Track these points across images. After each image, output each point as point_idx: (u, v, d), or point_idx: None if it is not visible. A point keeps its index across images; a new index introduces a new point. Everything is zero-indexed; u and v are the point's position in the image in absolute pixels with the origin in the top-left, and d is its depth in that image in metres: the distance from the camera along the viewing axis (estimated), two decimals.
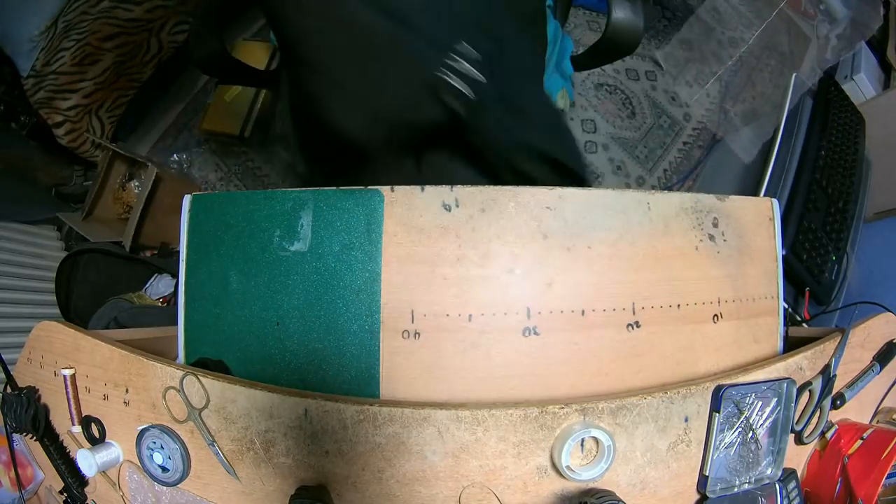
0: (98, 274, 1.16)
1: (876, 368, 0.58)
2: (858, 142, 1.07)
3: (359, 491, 0.47)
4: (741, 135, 1.43)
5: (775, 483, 0.52)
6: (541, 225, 0.53)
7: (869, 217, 1.12)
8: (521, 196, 0.53)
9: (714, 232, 0.56)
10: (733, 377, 0.51)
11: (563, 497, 0.47)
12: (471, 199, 0.53)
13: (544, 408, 0.46)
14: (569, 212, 0.53)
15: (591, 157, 1.51)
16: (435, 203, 0.53)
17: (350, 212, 0.54)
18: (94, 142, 1.32)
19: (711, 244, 0.56)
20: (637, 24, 0.72)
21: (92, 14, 1.18)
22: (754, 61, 1.72)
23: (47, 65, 1.16)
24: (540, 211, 0.53)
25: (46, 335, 0.58)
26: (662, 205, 0.55)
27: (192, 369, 0.51)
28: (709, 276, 0.56)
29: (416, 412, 0.46)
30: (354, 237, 0.53)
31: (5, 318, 1.11)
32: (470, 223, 0.53)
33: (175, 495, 0.53)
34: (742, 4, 1.80)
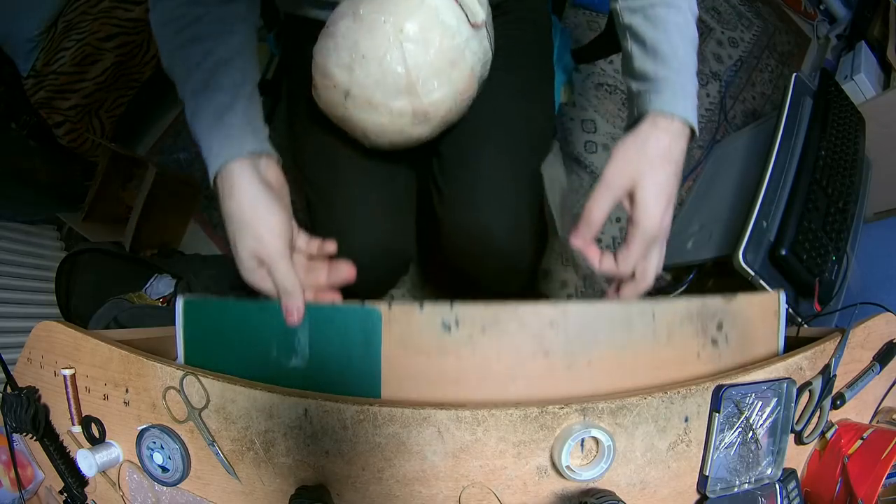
0: (98, 274, 1.16)
1: (876, 368, 0.58)
2: (858, 142, 1.07)
3: (359, 491, 0.47)
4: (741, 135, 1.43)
5: (775, 483, 0.52)
6: (542, 343, 0.53)
7: (869, 217, 1.12)
8: (523, 314, 0.53)
9: (717, 336, 0.56)
10: (733, 377, 0.51)
11: (563, 497, 0.47)
12: (471, 319, 0.53)
13: (544, 408, 0.46)
14: (571, 328, 0.53)
15: (591, 157, 1.51)
16: (434, 322, 0.53)
17: (347, 329, 0.54)
18: (94, 142, 1.32)
19: (713, 349, 0.55)
20: None
21: (92, 14, 1.18)
22: (754, 61, 1.72)
23: (47, 65, 1.16)
24: (542, 328, 0.53)
25: (46, 335, 0.58)
26: (668, 313, 0.55)
27: (192, 369, 0.51)
28: (703, 374, 0.55)
29: (417, 412, 0.46)
30: (353, 355, 0.53)
31: (5, 318, 1.11)
32: (470, 344, 0.53)
33: (175, 495, 0.53)
34: (742, 4, 1.80)
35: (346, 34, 0.57)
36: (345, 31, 0.58)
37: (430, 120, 0.62)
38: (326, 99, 0.63)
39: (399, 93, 0.58)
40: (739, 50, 1.73)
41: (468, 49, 0.59)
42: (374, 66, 0.56)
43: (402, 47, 0.56)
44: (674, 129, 0.54)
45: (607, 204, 0.54)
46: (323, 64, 0.60)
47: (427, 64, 0.57)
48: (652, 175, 0.53)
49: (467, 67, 0.60)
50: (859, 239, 1.04)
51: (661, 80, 0.55)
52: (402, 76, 0.57)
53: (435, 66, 0.57)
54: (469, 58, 0.60)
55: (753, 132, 1.35)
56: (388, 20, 0.56)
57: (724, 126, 1.59)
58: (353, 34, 0.57)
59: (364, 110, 0.60)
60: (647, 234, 0.54)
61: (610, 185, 0.54)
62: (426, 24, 0.56)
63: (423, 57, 0.57)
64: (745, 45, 1.74)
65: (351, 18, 0.57)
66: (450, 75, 0.59)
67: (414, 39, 0.56)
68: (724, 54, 1.71)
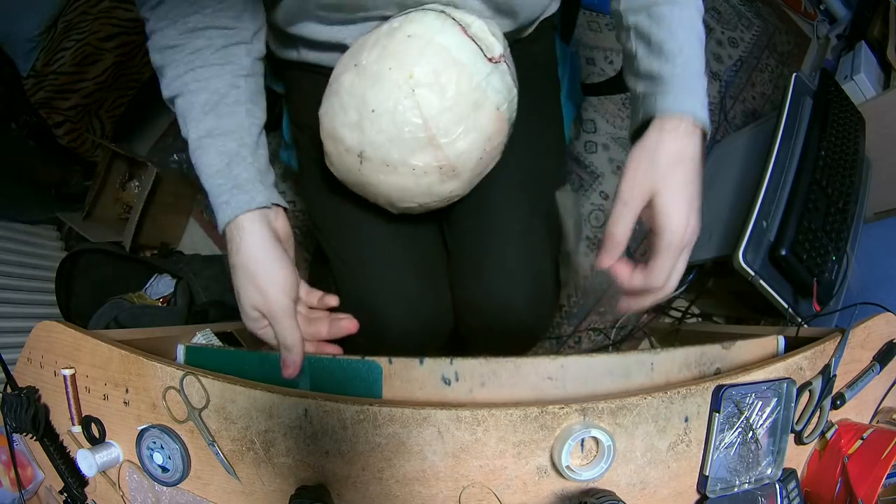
0: (98, 274, 1.16)
1: (876, 368, 0.58)
2: (858, 142, 1.07)
3: (359, 491, 0.47)
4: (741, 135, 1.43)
5: (775, 483, 0.52)
6: (540, 396, 0.53)
7: (869, 217, 1.12)
8: (522, 368, 0.53)
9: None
10: (733, 377, 0.51)
11: (563, 497, 0.47)
12: (471, 373, 0.53)
13: (544, 408, 0.46)
14: (569, 381, 0.54)
15: (591, 158, 1.51)
16: (434, 376, 0.53)
17: (347, 382, 0.54)
18: (94, 142, 1.32)
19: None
20: None
21: (92, 14, 1.17)
22: (754, 61, 1.72)
23: (47, 65, 1.16)
24: (540, 381, 0.53)
25: (46, 335, 0.58)
26: (666, 363, 0.55)
27: (192, 369, 0.51)
28: None
29: (416, 412, 0.46)
30: None
31: (5, 318, 1.11)
32: (469, 398, 0.53)
33: (175, 495, 0.53)
34: (742, 4, 1.80)
35: (351, 89, 0.51)
36: (349, 86, 0.52)
37: (460, 174, 0.54)
38: (340, 165, 0.57)
39: (419, 147, 0.51)
40: (739, 50, 1.72)
41: (490, 88, 0.52)
42: (385, 120, 0.50)
43: (415, 95, 0.49)
44: (683, 129, 0.51)
45: (629, 221, 0.52)
46: (331, 127, 0.54)
47: (446, 109, 0.50)
48: (668, 180, 0.51)
49: (492, 107, 0.53)
50: (859, 239, 1.04)
51: (668, 79, 0.52)
52: (419, 127, 0.50)
53: (455, 111, 0.50)
54: (493, 97, 0.53)
55: (753, 132, 1.35)
56: (394, 67, 0.49)
57: (724, 126, 1.59)
58: (359, 88, 0.51)
59: (382, 172, 0.53)
60: (675, 241, 0.51)
61: (627, 201, 0.51)
62: (438, 65, 0.50)
63: (439, 102, 0.50)
64: (745, 45, 1.74)
65: (354, 71, 0.51)
66: (474, 120, 0.52)
67: (427, 84, 0.49)
68: (724, 54, 1.71)
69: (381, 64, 0.50)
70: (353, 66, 0.52)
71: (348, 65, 0.53)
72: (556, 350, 1.34)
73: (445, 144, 0.51)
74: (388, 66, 0.49)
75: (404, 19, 0.52)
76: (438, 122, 0.50)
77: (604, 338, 1.36)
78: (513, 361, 0.53)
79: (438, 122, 0.50)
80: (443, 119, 0.50)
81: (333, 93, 0.54)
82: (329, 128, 0.55)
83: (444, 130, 0.51)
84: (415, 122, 0.50)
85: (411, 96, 0.49)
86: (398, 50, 0.50)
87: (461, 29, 0.51)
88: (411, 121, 0.50)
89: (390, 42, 0.50)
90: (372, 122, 0.50)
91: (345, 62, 0.54)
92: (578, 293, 1.39)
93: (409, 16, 0.52)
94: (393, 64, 0.49)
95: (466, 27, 0.51)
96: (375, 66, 0.50)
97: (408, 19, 0.52)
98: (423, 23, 0.51)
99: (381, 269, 0.68)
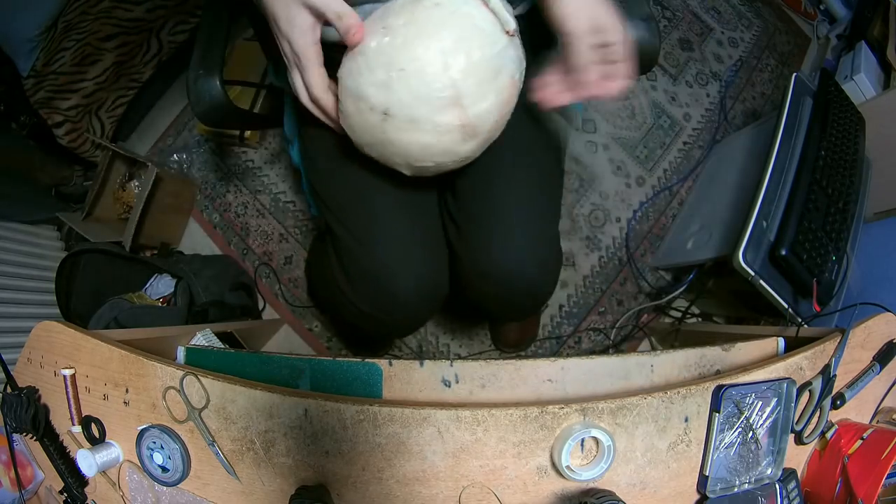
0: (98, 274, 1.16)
1: (876, 368, 0.58)
2: (858, 142, 1.07)
3: (359, 491, 0.47)
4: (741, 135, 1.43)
5: (775, 483, 0.52)
6: (540, 398, 0.53)
7: (869, 217, 1.12)
8: (522, 370, 0.54)
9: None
10: (733, 377, 0.51)
11: (563, 497, 0.47)
12: (471, 375, 0.54)
13: (544, 408, 0.46)
14: (569, 383, 0.54)
15: (591, 158, 1.51)
16: (434, 378, 0.54)
17: (348, 384, 0.55)
18: (94, 142, 1.32)
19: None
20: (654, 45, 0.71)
21: (92, 14, 1.17)
22: (754, 61, 1.72)
23: (47, 65, 1.16)
24: (540, 384, 0.54)
25: (46, 335, 0.58)
26: (666, 365, 0.56)
27: (192, 369, 0.51)
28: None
29: (417, 412, 0.46)
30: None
31: (5, 318, 1.11)
32: (469, 400, 0.53)
33: (175, 495, 0.53)
34: (742, 4, 1.80)
35: (379, 49, 0.53)
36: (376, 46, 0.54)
37: (479, 134, 0.57)
38: (360, 125, 0.58)
39: (445, 106, 0.54)
40: (739, 50, 1.72)
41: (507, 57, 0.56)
42: (415, 79, 0.52)
43: (444, 56, 0.52)
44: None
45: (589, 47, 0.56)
46: (354, 86, 0.55)
47: (471, 73, 0.53)
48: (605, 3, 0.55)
49: (509, 75, 0.56)
50: (859, 239, 1.04)
51: None
52: (447, 87, 0.53)
53: (479, 75, 0.54)
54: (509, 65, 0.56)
55: (753, 132, 1.35)
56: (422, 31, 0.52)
57: (724, 126, 1.59)
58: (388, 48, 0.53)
59: (406, 130, 0.55)
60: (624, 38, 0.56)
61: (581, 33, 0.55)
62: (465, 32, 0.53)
63: (466, 65, 0.53)
64: (745, 45, 1.74)
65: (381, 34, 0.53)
66: (495, 84, 0.55)
67: (454, 49, 0.52)
68: (724, 54, 1.71)
69: (409, 28, 0.53)
70: (381, 28, 0.54)
71: (374, 28, 0.54)
72: (556, 350, 1.34)
73: (469, 105, 0.54)
74: (415, 30, 0.52)
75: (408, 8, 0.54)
76: (465, 84, 0.53)
77: (604, 338, 1.36)
78: (513, 364, 0.53)
79: (465, 83, 0.53)
80: (469, 81, 0.53)
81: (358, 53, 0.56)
82: (352, 87, 0.56)
83: (468, 92, 0.54)
84: (443, 83, 0.53)
85: (441, 58, 0.52)
86: (426, 16, 0.53)
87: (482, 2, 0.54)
88: (440, 79, 0.53)
89: (416, 9, 0.53)
90: (400, 81, 0.53)
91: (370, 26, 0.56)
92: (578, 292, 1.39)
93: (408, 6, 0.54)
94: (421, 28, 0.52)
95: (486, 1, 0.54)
96: (403, 30, 0.53)
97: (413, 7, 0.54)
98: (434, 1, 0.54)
99: (390, 242, 0.72)
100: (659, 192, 1.50)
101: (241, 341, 0.93)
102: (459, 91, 0.53)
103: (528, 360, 0.54)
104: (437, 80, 0.53)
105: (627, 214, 1.47)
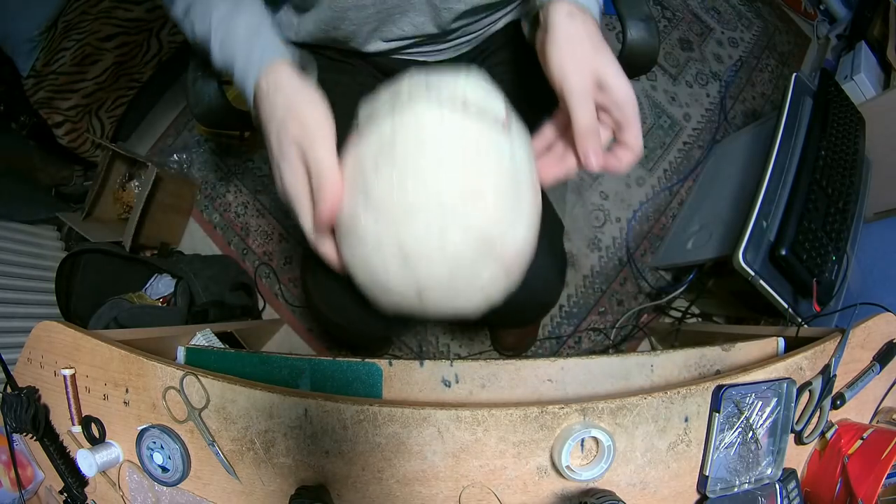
0: (98, 274, 1.16)
1: (876, 368, 0.58)
2: (858, 142, 1.07)
3: (359, 491, 0.47)
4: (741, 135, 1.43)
5: (775, 483, 0.52)
6: (541, 398, 0.54)
7: (869, 217, 1.12)
8: (522, 370, 0.54)
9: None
10: (733, 377, 0.51)
11: (563, 497, 0.47)
12: (471, 376, 0.54)
13: (544, 408, 0.46)
14: (569, 383, 0.54)
15: None
16: (434, 378, 0.54)
17: (348, 384, 0.55)
18: (94, 142, 1.32)
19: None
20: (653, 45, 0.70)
21: (92, 14, 1.17)
22: (754, 61, 1.72)
23: (47, 65, 1.16)
24: (539, 384, 0.54)
25: (46, 335, 0.58)
26: (666, 366, 0.56)
27: (192, 369, 0.51)
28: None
29: (416, 412, 0.46)
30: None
31: (5, 318, 1.11)
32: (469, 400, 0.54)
33: (175, 495, 0.53)
34: (742, 4, 1.80)
35: (379, 237, 0.43)
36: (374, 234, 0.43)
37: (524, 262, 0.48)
38: (395, 307, 0.48)
39: (480, 262, 0.44)
40: (739, 50, 1.72)
41: (515, 155, 0.45)
42: (436, 255, 0.42)
43: (456, 215, 0.41)
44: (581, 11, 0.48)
45: (592, 107, 0.46)
46: (371, 281, 0.46)
47: (493, 207, 0.43)
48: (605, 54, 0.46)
49: (527, 175, 0.46)
50: (859, 239, 1.04)
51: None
52: (474, 246, 0.42)
53: (501, 203, 0.43)
54: (523, 165, 0.46)
55: (753, 132, 1.35)
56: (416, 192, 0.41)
57: (724, 126, 1.59)
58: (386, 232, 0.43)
59: (451, 301, 0.46)
60: (633, 102, 0.47)
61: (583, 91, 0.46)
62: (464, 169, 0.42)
63: (485, 206, 0.42)
64: (745, 45, 1.74)
65: (369, 213, 0.43)
66: (519, 198, 0.45)
67: (462, 197, 0.42)
68: (724, 54, 1.71)
69: (398, 195, 0.42)
70: (363, 203, 0.43)
71: (357, 201, 0.44)
72: (556, 350, 1.34)
73: (504, 243, 0.44)
74: (408, 196, 0.42)
75: (393, 122, 0.43)
76: (490, 225, 0.43)
77: (604, 338, 1.36)
78: (513, 364, 0.53)
79: (490, 225, 0.43)
80: (492, 218, 0.43)
81: (357, 241, 0.45)
82: (370, 281, 0.47)
83: (498, 231, 0.44)
84: (469, 244, 0.43)
85: (454, 218, 0.42)
86: (410, 169, 0.42)
87: (460, 108, 0.44)
88: (465, 243, 0.43)
89: (395, 161, 0.42)
90: (421, 263, 0.43)
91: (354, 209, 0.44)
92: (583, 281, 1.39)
93: (397, 117, 0.44)
94: (413, 190, 0.42)
95: (464, 104, 0.44)
96: (393, 199, 0.42)
97: (399, 123, 0.43)
98: (418, 124, 0.43)
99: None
100: (659, 192, 1.50)
101: (241, 341, 0.93)
102: (489, 236, 0.43)
103: (527, 360, 0.54)
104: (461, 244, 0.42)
105: (627, 214, 1.47)
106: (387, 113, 0.44)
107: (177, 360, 0.61)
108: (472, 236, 0.42)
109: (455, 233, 0.42)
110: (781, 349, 0.61)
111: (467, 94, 0.45)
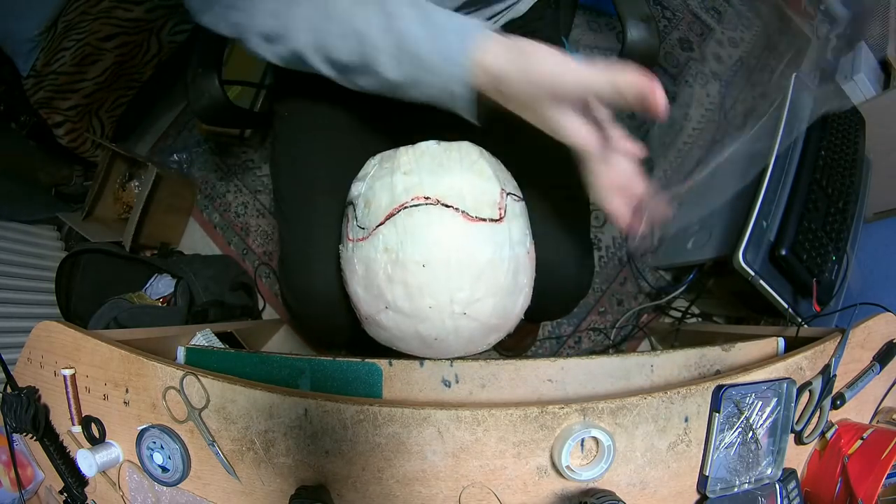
0: (98, 274, 1.16)
1: (876, 368, 0.58)
2: (858, 142, 1.07)
3: (359, 491, 0.47)
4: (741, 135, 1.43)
5: (775, 483, 0.52)
6: (541, 398, 0.54)
7: (869, 217, 1.12)
8: (522, 370, 0.54)
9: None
10: (733, 377, 0.51)
11: (563, 497, 0.47)
12: (471, 376, 0.54)
13: (544, 408, 0.46)
14: (569, 383, 0.55)
15: None
16: (434, 378, 0.54)
17: (348, 384, 0.55)
18: (94, 142, 1.32)
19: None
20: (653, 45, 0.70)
21: (92, 14, 1.17)
22: (754, 61, 1.72)
23: (47, 65, 1.16)
24: (540, 384, 0.54)
25: (46, 335, 0.58)
26: (666, 366, 0.56)
27: (192, 369, 0.51)
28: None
29: (416, 412, 0.46)
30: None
31: (5, 318, 1.11)
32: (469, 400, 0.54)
33: (175, 495, 0.53)
34: (742, 4, 1.80)
35: (401, 329, 0.51)
36: (396, 327, 0.51)
37: (520, 318, 0.56)
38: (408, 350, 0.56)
39: (489, 335, 0.53)
40: (739, 50, 1.72)
41: (512, 238, 0.51)
42: (451, 339, 0.51)
43: (466, 315, 0.49)
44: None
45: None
46: (401, 348, 0.55)
47: (495, 302, 0.50)
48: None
49: (525, 258, 0.53)
50: (859, 239, 1.03)
51: None
52: (481, 330, 0.51)
53: (501, 295, 0.50)
54: (521, 252, 0.52)
55: (753, 132, 1.35)
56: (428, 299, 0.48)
57: (724, 126, 1.59)
58: (406, 327, 0.51)
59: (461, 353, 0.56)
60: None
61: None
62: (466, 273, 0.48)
63: (488, 302, 0.50)
64: (745, 45, 1.74)
65: (387, 314, 0.51)
66: (517, 280, 0.52)
67: (469, 298, 0.48)
68: (724, 54, 1.71)
69: (414, 302, 0.49)
70: (384, 308, 0.51)
71: (376, 306, 0.51)
72: (556, 350, 1.34)
73: (507, 320, 0.53)
74: (423, 302, 0.48)
75: (399, 233, 0.48)
76: (492, 316, 0.51)
77: (604, 338, 1.36)
78: (513, 364, 0.53)
79: (492, 316, 0.51)
80: (496, 313, 0.51)
81: (379, 329, 0.53)
82: (391, 344, 0.55)
83: (503, 316, 0.52)
84: (479, 329, 0.51)
85: (464, 317, 0.49)
86: (420, 282, 0.48)
87: (459, 214, 0.48)
88: (474, 331, 0.51)
89: (406, 279, 0.48)
90: (437, 343, 0.52)
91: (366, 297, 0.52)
92: None
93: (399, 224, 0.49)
94: (426, 298, 0.48)
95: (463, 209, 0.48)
96: (410, 305, 0.49)
97: (405, 232, 0.48)
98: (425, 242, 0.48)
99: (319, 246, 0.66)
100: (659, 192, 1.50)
101: (241, 341, 0.93)
102: (494, 322, 0.51)
103: (528, 360, 0.55)
104: (470, 330, 0.50)
105: None
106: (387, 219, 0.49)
107: (177, 360, 0.61)
108: (480, 324, 0.50)
109: (465, 324, 0.50)
110: (781, 349, 0.61)
111: (460, 197, 0.49)
